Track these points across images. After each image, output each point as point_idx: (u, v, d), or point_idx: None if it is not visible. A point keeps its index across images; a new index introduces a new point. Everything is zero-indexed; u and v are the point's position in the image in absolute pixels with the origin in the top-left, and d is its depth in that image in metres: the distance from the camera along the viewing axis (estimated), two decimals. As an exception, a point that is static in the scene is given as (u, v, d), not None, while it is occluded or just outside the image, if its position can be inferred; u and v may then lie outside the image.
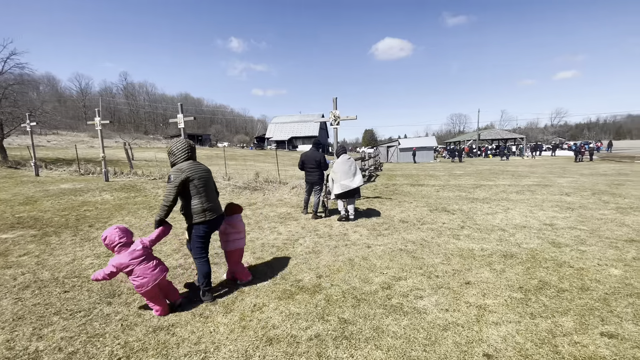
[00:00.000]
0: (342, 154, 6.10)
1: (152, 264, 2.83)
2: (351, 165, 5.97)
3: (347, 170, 5.89)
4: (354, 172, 5.94)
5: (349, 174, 5.88)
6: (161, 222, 2.96)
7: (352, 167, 5.95)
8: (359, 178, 5.92)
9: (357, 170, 6.00)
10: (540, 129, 65.13)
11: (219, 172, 13.26)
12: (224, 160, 13.01)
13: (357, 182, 5.88)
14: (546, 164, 23.80)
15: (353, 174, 5.92)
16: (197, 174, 3.00)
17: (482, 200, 8.44)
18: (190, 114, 78.26)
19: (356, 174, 5.95)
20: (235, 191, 9.54)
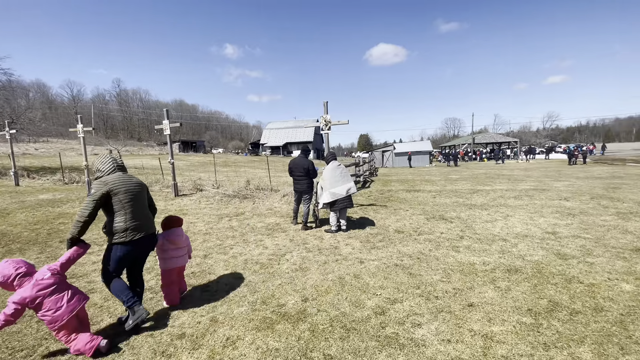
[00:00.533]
0: (331, 160, 5.76)
1: (67, 293, 2.40)
2: (342, 171, 5.62)
3: (337, 177, 5.54)
4: (345, 179, 5.59)
5: (339, 181, 5.52)
6: (74, 241, 2.55)
7: (343, 174, 5.60)
8: (350, 185, 5.57)
9: (348, 177, 5.65)
10: (533, 132, 65.59)
11: (209, 180, 12.83)
12: (214, 167, 12.57)
13: (348, 190, 5.52)
14: (541, 167, 23.72)
15: (343, 181, 5.56)
16: (124, 187, 2.67)
17: (480, 207, 8.13)
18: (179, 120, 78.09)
19: (347, 181, 5.60)
20: (224, 200, 9.13)
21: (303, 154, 6.02)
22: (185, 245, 3.24)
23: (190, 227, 6.21)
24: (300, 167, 5.79)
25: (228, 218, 6.96)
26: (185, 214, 7.57)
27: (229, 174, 20.52)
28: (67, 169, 16.67)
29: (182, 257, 3.21)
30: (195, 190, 10.41)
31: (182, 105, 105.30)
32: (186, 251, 3.28)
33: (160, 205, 8.66)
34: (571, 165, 24.52)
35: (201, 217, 7.10)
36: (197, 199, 9.31)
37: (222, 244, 5.11)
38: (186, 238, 3.30)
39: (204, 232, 5.83)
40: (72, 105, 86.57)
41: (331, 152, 5.87)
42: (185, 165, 26.77)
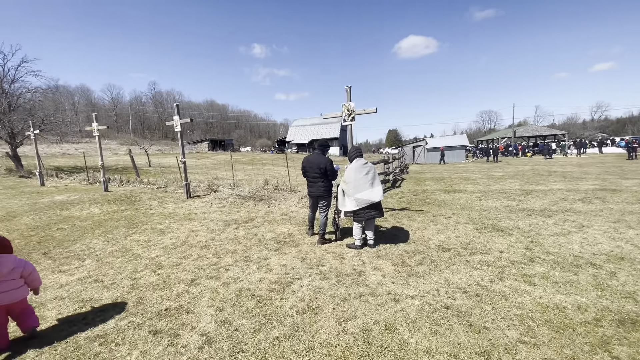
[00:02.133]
0: (356, 157, 4.57)
1: None
2: (369, 172, 4.42)
3: (364, 180, 4.35)
4: (372, 182, 4.38)
5: (366, 185, 4.33)
6: None
7: (370, 175, 4.40)
8: (378, 190, 4.36)
9: (376, 179, 4.44)
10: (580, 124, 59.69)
11: (227, 179, 12.11)
12: (232, 165, 11.79)
13: (377, 195, 4.32)
14: (595, 162, 20.82)
15: (371, 184, 4.37)
16: None
17: (541, 213, 6.57)
18: (210, 119, 78.31)
19: (375, 185, 4.39)
20: (237, 202, 8.24)
21: (320, 149, 4.84)
22: (11, 277, 2.50)
23: (190, 238, 5.31)
24: (316, 167, 4.68)
25: (235, 225, 6.01)
26: (191, 219, 6.74)
27: (252, 172, 19.90)
28: (95, 169, 16.79)
29: (8, 292, 2.48)
30: (209, 191, 9.65)
31: (213, 105, 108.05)
32: (19, 284, 2.56)
33: (169, 208, 7.95)
34: (631, 160, 21.39)
35: (207, 224, 6.22)
36: (210, 201, 8.51)
37: (217, 263, 4.12)
38: (18, 267, 2.56)
39: (202, 245, 4.89)
40: (112, 108, 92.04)
41: (356, 148, 4.69)
42: (212, 164, 26.67)
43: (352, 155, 4.60)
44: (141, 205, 8.35)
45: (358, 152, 4.59)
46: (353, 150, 4.62)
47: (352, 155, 4.60)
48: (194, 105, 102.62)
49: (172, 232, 5.74)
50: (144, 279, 3.76)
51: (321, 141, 4.98)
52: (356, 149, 4.60)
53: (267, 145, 67.28)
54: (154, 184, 12.40)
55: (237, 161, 31.06)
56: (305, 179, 4.94)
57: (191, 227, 6.09)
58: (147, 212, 7.60)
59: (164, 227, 6.12)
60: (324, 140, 5.01)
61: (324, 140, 4.98)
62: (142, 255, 4.59)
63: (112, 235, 5.76)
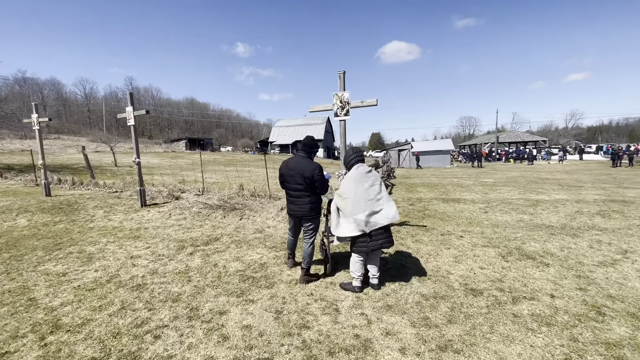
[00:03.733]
0: (356, 162, 3.29)
1: None
2: (374, 183, 3.15)
3: (368, 194, 3.07)
4: (380, 196, 3.12)
5: (371, 200, 3.06)
6: None
7: (376, 188, 3.13)
8: (390, 208, 3.10)
9: (384, 192, 3.18)
10: (558, 131, 61.41)
11: (196, 184, 10.57)
12: (201, 167, 10.22)
13: (387, 215, 3.06)
14: (581, 169, 20.60)
15: (378, 199, 3.10)
16: None
17: (562, 230, 5.56)
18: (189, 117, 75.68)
19: (384, 200, 3.13)
20: (203, 213, 6.79)
21: (304, 151, 3.46)
22: None
23: (123, 271, 3.85)
24: (298, 175, 3.30)
25: (192, 249, 4.59)
26: (137, 237, 5.26)
27: (230, 174, 18.31)
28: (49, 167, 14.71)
29: None
30: (171, 197, 8.12)
31: (194, 103, 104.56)
32: None
33: (114, 220, 6.40)
34: (615, 167, 21.39)
35: (154, 246, 4.76)
36: (169, 211, 7.01)
37: (146, 323, 2.72)
38: None
39: (136, 285, 3.45)
40: (85, 103, 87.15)
41: (355, 150, 3.37)
42: (187, 164, 24.72)
43: (350, 159, 3.30)
44: (81, 216, 6.75)
45: (359, 155, 3.29)
46: (352, 154, 3.31)
47: (350, 160, 3.29)
48: (172, 103, 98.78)
49: (104, 259, 4.25)
50: (17, 354, 2.32)
51: (307, 139, 3.50)
52: (356, 152, 3.30)
53: (248, 145, 65.24)
54: (111, 187, 10.71)
55: (215, 162, 29.19)
56: (285, 191, 3.60)
57: (133, 249, 4.62)
58: (84, 226, 6.02)
59: (96, 251, 4.62)
60: (311, 139, 3.51)
61: (310, 138, 3.68)
62: (40, 302, 3.11)
63: (19, 262, 4.21)
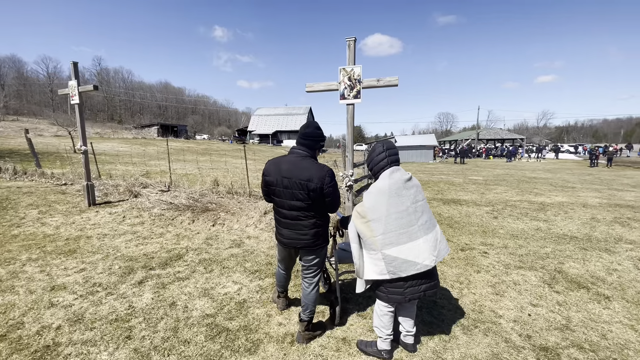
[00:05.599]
0: (389, 165, 2.11)
1: None
2: (417, 198, 2.05)
3: (407, 216, 1.98)
4: (424, 218, 2.04)
5: (413, 227, 1.98)
6: None
7: (420, 205, 2.04)
8: (436, 237, 2.04)
9: (428, 211, 2.11)
10: (533, 129, 63.39)
11: (163, 177, 9.13)
12: (168, 158, 8.76)
13: (435, 251, 2.00)
14: (560, 168, 20.76)
15: (424, 224, 2.03)
16: None
17: (591, 244, 4.82)
18: (163, 102, 71.92)
19: (430, 224, 2.06)
20: (166, 216, 5.51)
21: (305, 145, 2.24)
22: None
23: (30, 315, 2.59)
24: (298, 185, 2.14)
25: (144, 273, 3.37)
26: (73, 251, 3.95)
27: (205, 164, 16.75)
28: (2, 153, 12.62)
29: None
30: (128, 194, 6.72)
31: (168, 87, 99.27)
32: None
33: (50, 225, 5.00)
34: (593, 167, 21.74)
35: (92, 267, 3.50)
36: (123, 212, 5.67)
37: None
38: None
39: (40, 348, 2.23)
40: (47, 83, 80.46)
41: (387, 145, 2.15)
42: (157, 153, 22.65)
43: (380, 160, 2.12)
44: (7, 218, 5.28)
45: (392, 154, 2.12)
46: (382, 151, 2.11)
47: (380, 161, 2.12)
48: (145, 86, 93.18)
49: (11, 292, 2.96)
50: None
51: (309, 127, 2.26)
52: (388, 148, 2.12)
53: (226, 134, 62.68)
54: (59, 178, 9.07)
55: (189, 150, 27.19)
56: (272, 207, 2.43)
57: (60, 273, 3.34)
58: (6, 233, 4.60)
59: (6, 275, 3.30)
60: (315, 126, 2.27)
61: (314, 125, 2.28)
62: None
63: None
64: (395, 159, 2.12)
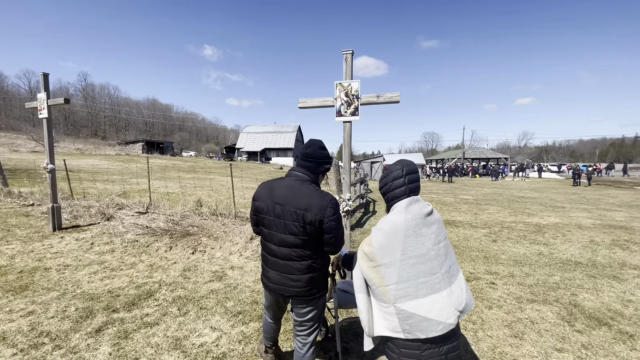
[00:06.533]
0: (406, 195, 1.68)
1: None
2: (439, 237, 1.64)
3: (428, 261, 1.57)
4: (446, 264, 1.62)
5: (435, 275, 1.58)
6: None
7: (442, 247, 1.65)
8: (463, 294, 1.65)
9: (452, 253, 1.72)
10: (516, 149, 65.31)
11: (141, 197, 8.55)
12: (149, 177, 8.20)
13: (459, 305, 1.62)
14: (545, 187, 21.02)
15: (447, 271, 1.61)
16: None
17: (597, 270, 4.56)
18: (150, 119, 71.33)
19: (453, 270, 1.66)
20: (140, 242, 4.96)
21: (306, 168, 1.84)
22: None
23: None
24: (292, 214, 1.72)
25: (104, 317, 2.84)
26: (24, 288, 3.38)
27: (189, 182, 16.14)
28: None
29: None
30: (100, 217, 6.13)
31: (155, 104, 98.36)
32: None
33: (4, 253, 4.39)
34: (576, 185, 22.14)
35: (43, 309, 2.96)
36: (92, 238, 5.10)
37: None
38: None
39: None
40: (28, 97, 78.60)
41: (407, 165, 1.68)
42: (140, 169, 21.80)
43: (396, 185, 1.69)
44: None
45: (413, 180, 1.69)
46: (400, 175, 1.68)
47: (396, 188, 1.69)
48: (132, 103, 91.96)
49: None
50: None
51: (312, 147, 1.87)
52: (408, 170, 1.68)
53: (213, 151, 61.90)
54: (26, 198, 8.37)
55: (174, 167, 26.38)
56: (260, 241, 1.98)
57: (3, 316, 2.78)
58: (-53, 264, 3.97)
59: None
60: (319, 145, 1.89)
61: (318, 144, 1.88)
62: None
63: None
64: (415, 187, 1.73)
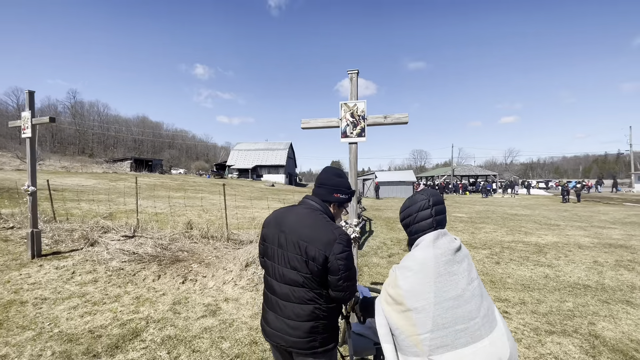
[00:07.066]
0: (433, 227, 1.49)
1: None
2: (472, 275, 1.43)
3: (464, 304, 1.36)
4: (484, 305, 1.40)
5: (474, 320, 1.36)
6: None
7: (476, 287, 1.42)
8: (510, 340, 1.45)
9: (486, 297, 1.47)
10: (502, 166, 66.63)
11: (125, 219, 8.15)
12: (136, 197, 7.82)
13: (510, 355, 1.40)
14: (535, 204, 21.20)
15: (485, 317, 1.37)
16: None
17: (607, 294, 4.41)
18: (139, 136, 70.84)
19: (491, 313, 1.42)
20: (126, 270, 4.60)
21: (319, 195, 1.63)
22: None
23: None
24: (295, 245, 1.46)
25: (85, 361, 2.51)
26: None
27: (178, 201, 15.69)
28: None
29: None
30: (84, 241, 5.74)
31: (145, 121, 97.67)
32: None
33: (-28, 285, 3.98)
34: (565, 202, 22.34)
35: (14, 352, 2.59)
36: (74, 266, 4.71)
37: None
38: None
39: None
40: (16, 114, 77.25)
41: (432, 195, 1.49)
42: (128, 188, 21.19)
43: (422, 217, 1.48)
44: None
45: (440, 212, 1.50)
46: (426, 205, 1.48)
47: (422, 219, 1.48)
48: (121, 120, 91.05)
49: None
50: None
51: (323, 175, 1.67)
52: (435, 203, 1.49)
53: (204, 168, 61.13)
54: (7, 219, 7.89)
55: (163, 186, 25.77)
56: (263, 274, 1.68)
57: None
58: None
59: None
60: (335, 172, 1.69)
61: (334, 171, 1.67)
62: None
63: None
64: (442, 219, 1.53)
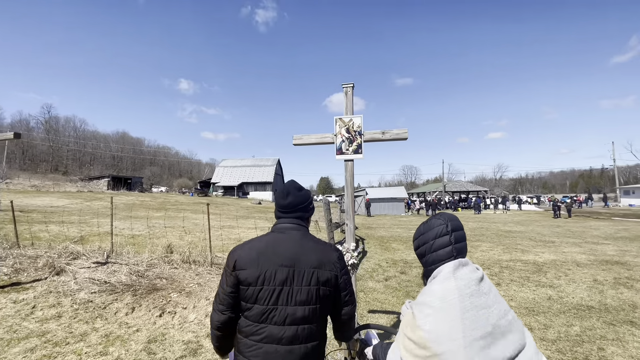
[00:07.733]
0: (452, 257, 1.16)
1: None
2: (503, 310, 1.11)
3: (495, 342, 1.01)
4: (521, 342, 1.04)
5: None
6: None
7: (511, 322, 1.06)
8: None
9: (521, 331, 1.20)
10: (492, 182, 68.22)
11: (99, 243, 7.54)
12: (112, 219, 7.23)
13: None
14: (527, 220, 21.42)
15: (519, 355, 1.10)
16: None
17: (611, 315, 4.27)
18: (119, 153, 69.05)
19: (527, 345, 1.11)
20: (95, 303, 4.08)
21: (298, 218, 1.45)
22: None
23: None
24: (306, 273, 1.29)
25: None
26: None
27: (158, 222, 14.93)
28: None
29: None
30: (49, 270, 5.15)
31: (125, 137, 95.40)
32: None
33: None
34: (557, 218, 22.29)
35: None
36: (35, 298, 4.15)
37: None
38: None
39: None
40: (-16, 131, 73.72)
41: (451, 220, 1.23)
42: (104, 208, 20.09)
43: (440, 245, 1.19)
44: None
45: (460, 239, 1.21)
46: (443, 231, 1.20)
47: (440, 247, 1.19)
48: (99, 136, 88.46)
49: None
50: None
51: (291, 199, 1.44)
52: (454, 229, 1.20)
53: (187, 185, 59.59)
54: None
55: (142, 205, 24.68)
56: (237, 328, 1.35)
57: None
58: None
59: None
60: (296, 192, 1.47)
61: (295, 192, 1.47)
62: None
63: None
64: (463, 247, 1.23)
